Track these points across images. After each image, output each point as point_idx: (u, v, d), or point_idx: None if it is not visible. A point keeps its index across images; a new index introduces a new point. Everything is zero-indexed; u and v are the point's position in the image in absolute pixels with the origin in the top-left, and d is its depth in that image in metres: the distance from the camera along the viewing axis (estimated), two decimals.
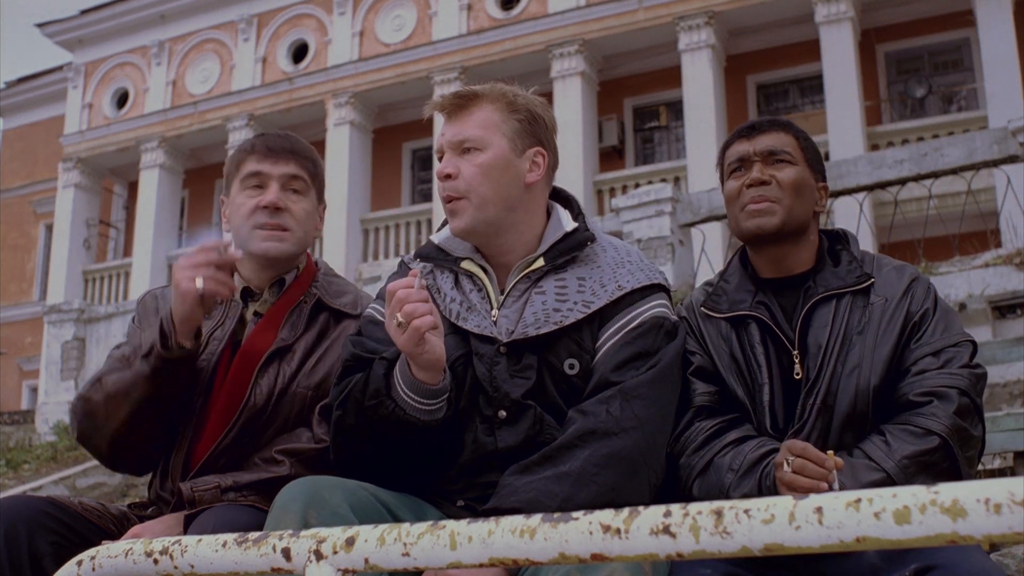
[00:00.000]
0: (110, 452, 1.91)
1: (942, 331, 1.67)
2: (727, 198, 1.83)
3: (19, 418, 14.12)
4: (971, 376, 1.63)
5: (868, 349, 1.66)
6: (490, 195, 1.73)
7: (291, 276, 2.02)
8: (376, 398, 1.63)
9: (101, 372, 1.89)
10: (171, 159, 18.44)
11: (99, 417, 1.85)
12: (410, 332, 1.52)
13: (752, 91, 15.67)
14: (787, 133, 1.81)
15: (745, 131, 1.84)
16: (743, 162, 1.80)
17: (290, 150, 2.00)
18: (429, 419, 1.63)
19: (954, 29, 14.37)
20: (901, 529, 0.70)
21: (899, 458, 1.54)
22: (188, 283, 1.76)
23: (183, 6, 18.53)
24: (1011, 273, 5.92)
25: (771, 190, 1.75)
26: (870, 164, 6.77)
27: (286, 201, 1.96)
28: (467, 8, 16.16)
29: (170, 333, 1.79)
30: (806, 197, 1.78)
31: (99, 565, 1.14)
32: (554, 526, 0.84)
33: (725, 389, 1.75)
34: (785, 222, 1.74)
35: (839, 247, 1.81)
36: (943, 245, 7.93)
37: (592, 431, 1.60)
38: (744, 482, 1.61)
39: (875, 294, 1.71)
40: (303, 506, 1.44)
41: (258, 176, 1.97)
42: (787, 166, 1.77)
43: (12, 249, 21.59)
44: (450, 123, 1.78)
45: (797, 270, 1.78)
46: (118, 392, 1.82)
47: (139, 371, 1.80)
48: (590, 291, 1.73)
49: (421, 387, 1.61)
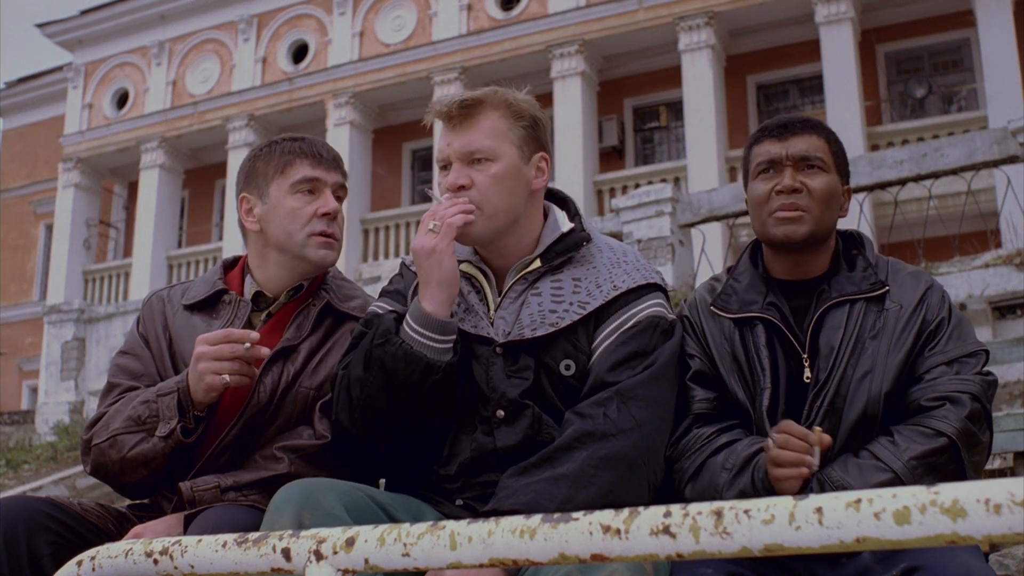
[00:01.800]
0: (121, 492, 1.96)
1: (956, 340, 1.66)
2: (754, 200, 1.78)
3: (19, 418, 14.11)
4: (983, 383, 1.62)
5: (881, 355, 1.64)
6: (503, 205, 1.73)
7: (308, 280, 2.02)
8: (384, 337, 1.67)
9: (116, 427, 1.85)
10: (171, 159, 18.44)
11: (113, 472, 1.87)
12: (445, 228, 1.66)
13: (752, 91, 15.66)
14: (819, 137, 1.77)
15: (776, 131, 1.78)
16: (773, 164, 1.75)
17: (336, 159, 2.02)
18: (435, 358, 1.64)
19: (954, 29, 14.36)
20: (901, 529, 0.70)
21: (907, 458, 1.54)
22: (214, 378, 1.77)
23: (183, 6, 18.53)
24: (1011, 273, 5.92)
25: (802, 199, 1.71)
26: (870, 164, 6.77)
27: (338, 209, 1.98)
28: (467, 8, 16.15)
29: (189, 408, 1.81)
30: (834, 206, 1.75)
31: (99, 565, 1.14)
32: (554, 526, 0.84)
33: (725, 393, 1.73)
34: (814, 232, 1.72)
35: (854, 251, 1.79)
36: (943, 245, 7.93)
37: (590, 433, 1.60)
38: (738, 480, 1.61)
39: (890, 300, 1.69)
40: (297, 508, 1.45)
41: (313, 182, 1.96)
42: (819, 173, 1.74)
43: (12, 249, 21.58)
44: (457, 132, 1.76)
45: (812, 274, 1.76)
46: (136, 459, 1.83)
47: (157, 447, 1.81)
48: (586, 292, 1.74)
49: (430, 319, 1.64)
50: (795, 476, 1.52)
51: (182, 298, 2.03)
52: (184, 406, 1.80)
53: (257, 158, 2.01)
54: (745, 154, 1.84)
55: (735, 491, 1.60)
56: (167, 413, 1.80)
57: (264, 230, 1.97)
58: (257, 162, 2.01)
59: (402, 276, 1.90)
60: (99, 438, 1.86)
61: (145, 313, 2.06)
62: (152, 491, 1.94)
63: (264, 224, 1.97)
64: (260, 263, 2.00)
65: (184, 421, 1.80)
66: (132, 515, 1.94)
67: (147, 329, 2.02)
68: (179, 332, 1.98)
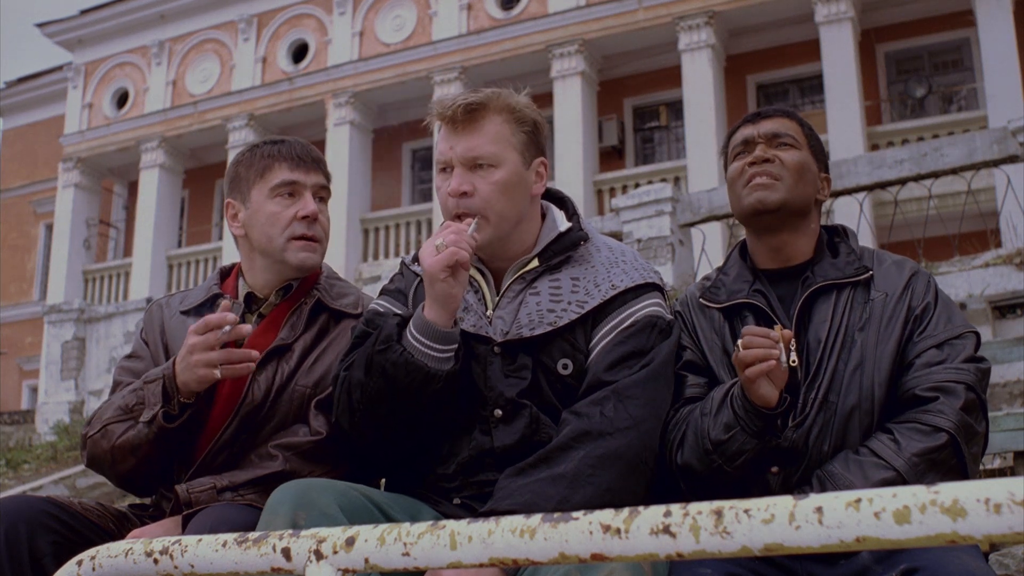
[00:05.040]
0: (119, 484, 1.97)
1: (944, 323, 1.67)
2: (730, 180, 1.83)
3: (19, 418, 14.11)
4: (977, 371, 1.63)
5: (871, 346, 1.65)
6: (506, 212, 1.73)
7: (297, 280, 2.03)
8: (386, 343, 1.65)
9: (107, 417, 1.89)
10: (171, 159, 18.44)
11: (105, 463, 1.90)
12: (446, 255, 1.58)
13: (752, 91, 15.66)
14: (791, 120, 1.83)
15: (751, 117, 1.86)
16: (747, 144, 1.81)
17: (317, 160, 2.02)
18: (436, 368, 1.63)
19: (954, 29, 14.36)
20: (901, 529, 0.70)
21: (908, 456, 1.54)
22: (206, 371, 1.77)
23: (183, 6, 18.52)
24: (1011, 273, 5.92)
25: (774, 167, 1.76)
26: (870, 164, 6.76)
27: (317, 211, 1.98)
28: (467, 8, 16.15)
29: (173, 394, 1.81)
30: (808, 181, 1.78)
31: (99, 565, 1.14)
32: (554, 526, 0.84)
33: (715, 382, 1.75)
34: (786, 200, 1.74)
35: (838, 240, 1.82)
36: (943, 245, 7.93)
37: (586, 432, 1.60)
38: (719, 416, 1.62)
39: (875, 289, 1.71)
40: (292, 508, 1.45)
41: (292, 186, 1.97)
42: (791, 149, 1.79)
43: (12, 249, 21.58)
44: (459, 136, 1.74)
45: (796, 260, 1.78)
46: (123, 446, 1.85)
47: (141, 432, 1.83)
48: (584, 291, 1.74)
49: (432, 329, 1.63)
50: (764, 371, 1.53)
51: (180, 304, 2.07)
52: (169, 392, 1.81)
53: (240, 163, 2.03)
54: (723, 146, 1.90)
55: (720, 427, 1.61)
56: (151, 400, 1.82)
57: (248, 235, 1.99)
58: (240, 167, 2.03)
59: (403, 275, 1.90)
60: (92, 429, 1.90)
61: (146, 319, 2.11)
62: (148, 483, 1.95)
63: (247, 229, 1.99)
64: (249, 266, 2.03)
65: (168, 407, 1.80)
66: (132, 515, 1.95)
67: (147, 334, 2.07)
68: (173, 335, 2.02)
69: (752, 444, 1.60)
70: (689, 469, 1.65)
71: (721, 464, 1.62)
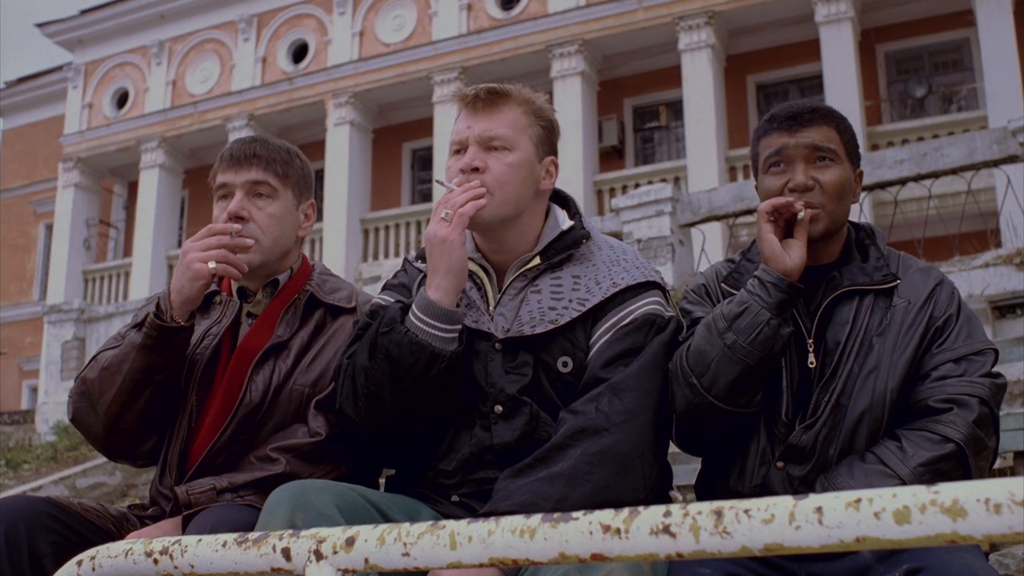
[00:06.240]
0: (105, 433, 1.91)
1: (965, 337, 1.64)
2: (764, 192, 1.74)
3: (19, 418, 14.12)
4: (992, 386, 1.61)
5: (887, 352, 1.63)
6: (512, 195, 1.75)
7: (284, 276, 2.02)
8: (390, 325, 1.67)
9: (97, 350, 1.92)
10: (171, 159, 18.44)
11: (94, 393, 1.87)
12: (457, 218, 1.65)
13: (752, 91, 15.66)
14: (829, 126, 1.73)
15: (786, 123, 1.73)
16: (783, 158, 1.72)
17: (253, 155, 1.96)
18: (440, 347, 1.64)
19: (954, 29, 14.36)
20: (901, 529, 0.70)
21: (914, 464, 1.52)
22: (200, 264, 1.78)
23: (183, 6, 18.52)
24: (1011, 273, 5.92)
25: (815, 196, 1.68)
26: (870, 164, 6.76)
27: (250, 209, 1.93)
28: (467, 8, 16.15)
29: (167, 309, 1.82)
30: (847, 196, 1.73)
31: (99, 565, 1.14)
32: (554, 526, 0.84)
33: None
34: (828, 228, 1.70)
35: (867, 241, 1.77)
36: (943, 245, 7.93)
37: (583, 429, 1.61)
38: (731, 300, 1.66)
39: (898, 296, 1.67)
40: (290, 509, 1.45)
41: (225, 188, 1.96)
42: (831, 166, 1.70)
43: (12, 249, 21.58)
44: (479, 117, 1.78)
45: (823, 260, 1.74)
46: (111, 364, 1.84)
47: (132, 341, 1.83)
48: (585, 289, 1.74)
49: (436, 308, 1.64)
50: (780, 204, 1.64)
51: None
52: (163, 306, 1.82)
53: None
54: (753, 146, 1.80)
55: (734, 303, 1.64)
56: (142, 314, 1.85)
57: None
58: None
59: (405, 272, 1.92)
60: (83, 370, 1.92)
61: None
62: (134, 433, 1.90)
63: None
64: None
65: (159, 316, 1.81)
66: (132, 515, 1.94)
67: None
68: None
69: (765, 318, 1.58)
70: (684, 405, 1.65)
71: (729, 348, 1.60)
